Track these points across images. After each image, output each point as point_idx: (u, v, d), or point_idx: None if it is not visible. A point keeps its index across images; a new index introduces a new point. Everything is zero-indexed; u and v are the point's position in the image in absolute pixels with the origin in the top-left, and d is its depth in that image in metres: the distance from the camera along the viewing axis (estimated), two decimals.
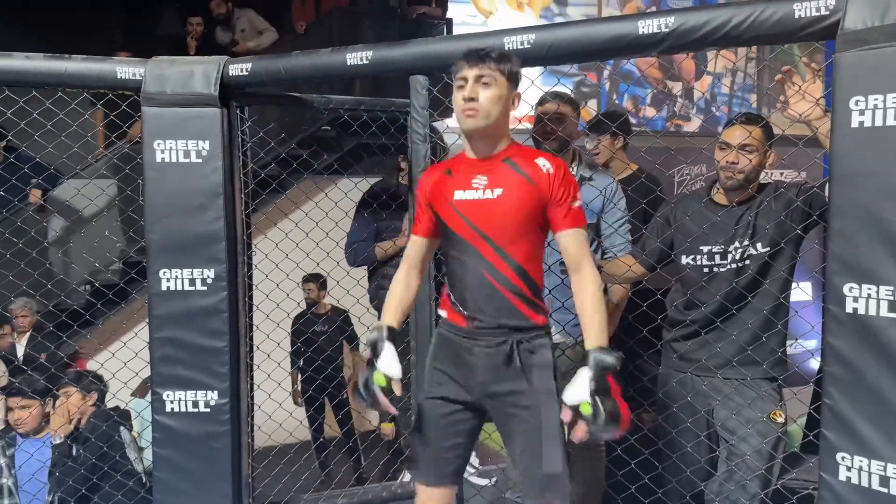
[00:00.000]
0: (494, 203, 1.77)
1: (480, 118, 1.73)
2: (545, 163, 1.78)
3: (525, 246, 1.78)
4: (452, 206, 1.81)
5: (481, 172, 1.80)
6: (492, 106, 1.74)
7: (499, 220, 1.76)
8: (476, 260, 1.79)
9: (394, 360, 1.82)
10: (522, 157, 1.80)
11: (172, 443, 2.41)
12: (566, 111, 2.46)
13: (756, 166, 2.15)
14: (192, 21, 5.38)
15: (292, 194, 3.64)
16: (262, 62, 2.35)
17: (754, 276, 2.15)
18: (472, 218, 1.79)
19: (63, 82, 2.34)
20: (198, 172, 2.36)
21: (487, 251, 1.78)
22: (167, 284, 2.39)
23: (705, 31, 1.85)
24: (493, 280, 1.78)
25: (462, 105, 1.74)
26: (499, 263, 1.78)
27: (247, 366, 2.54)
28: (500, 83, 1.75)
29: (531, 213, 1.76)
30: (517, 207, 1.75)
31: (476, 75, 1.74)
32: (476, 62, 1.74)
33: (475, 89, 1.73)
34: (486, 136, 1.79)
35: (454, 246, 1.84)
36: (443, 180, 1.86)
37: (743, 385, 2.19)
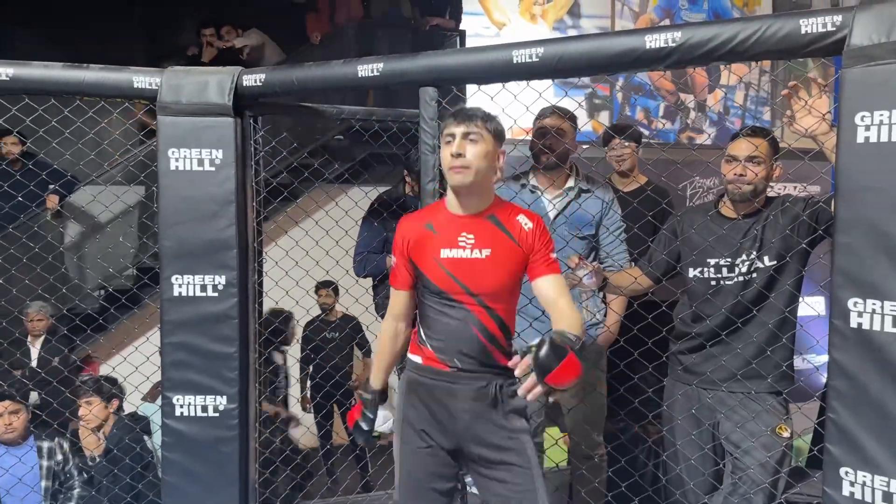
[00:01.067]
0: (483, 263, 1.83)
1: (469, 174, 1.80)
2: (526, 220, 1.87)
3: (508, 301, 1.88)
4: (439, 264, 1.86)
5: (467, 230, 1.86)
6: (479, 161, 1.80)
7: (487, 279, 1.83)
8: (464, 315, 1.85)
9: (387, 421, 2.06)
10: (504, 214, 1.88)
11: (181, 447, 2.43)
12: (565, 126, 2.49)
13: (763, 178, 2.15)
14: (205, 32, 5.46)
15: (303, 203, 3.68)
16: (276, 73, 2.39)
17: (760, 290, 2.16)
18: (460, 276, 1.84)
19: (81, 91, 2.39)
20: (211, 180, 2.40)
21: (475, 308, 1.85)
22: (179, 290, 2.42)
23: (712, 45, 1.86)
24: (477, 332, 1.85)
25: (450, 161, 1.80)
26: (485, 319, 1.85)
27: (255, 372, 2.56)
28: (487, 140, 1.82)
29: (516, 272, 1.85)
30: (505, 267, 1.83)
31: (463, 132, 1.81)
32: (463, 120, 1.82)
33: (462, 145, 1.80)
34: (473, 193, 1.85)
35: (437, 300, 1.88)
36: (425, 236, 1.89)
37: (748, 398, 2.19)
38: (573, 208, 2.53)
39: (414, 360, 1.95)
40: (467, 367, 1.86)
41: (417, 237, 1.90)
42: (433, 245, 1.87)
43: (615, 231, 2.56)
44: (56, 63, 2.36)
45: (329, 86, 2.36)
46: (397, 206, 3.15)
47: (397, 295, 1.99)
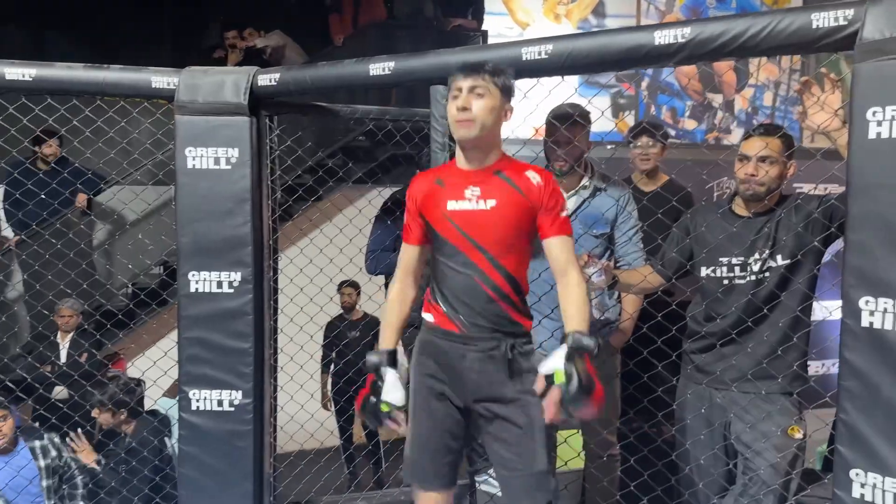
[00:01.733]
0: (488, 214, 1.82)
1: (474, 128, 1.79)
2: (535, 175, 1.84)
3: (516, 255, 1.84)
4: (446, 216, 1.86)
5: (473, 183, 1.85)
6: (485, 116, 1.79)
7: (492, 231, 1.82)
8: (469, 268, 1.84)
9: (396, 388, 1.91)
10: (513, 169, 1.86)
11: (197, 440, 2.48)
12: (577, 124, 2.47)
13: (776, 177, 2.12)
14: (227, 35, 5.55)
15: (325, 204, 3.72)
16: (290, 73, 2.42)
17: (773, 290, 2.13)
18: (466, 228, 1.84)
19: (102, 91, 2.45)
20: (227, 178, 2.44)
21: (481, 260, 1.83)
22: (196, 286, 2.46)
23: (722, 41, 1.84)
24: (486, 288, 1.83)
25: (456, 115, 1.80)
26: (492, 272, 1.83)
27: (270, 367, 2.60)
28: (494, 94, 1.81)
29: (523, 224, 1.83)
30: (510, 219, 1.81)
31: (470, 86, 1.80)
32: (470, 73, 1.81)
33: (469, 99, 1.79)
34: (479, 147, 1.84)
35: (446, 254, 1.88)
36: (434, 190, 1.90)
37: (760, 399, 2.15)
38: (587, 207, 2.51)
39: (427, 319, 1.95)
40: (477, 324, 1.84)
41: (427, 191, 1.91)
42: (441, 198, 1.87)
43: (629, 230, 2.53)
44: (77, 64, 2.43)
45: (342, 84, 2.39)
46: None
47: (406, 250, 1.99)
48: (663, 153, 3.02)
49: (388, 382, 1.92)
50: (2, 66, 2.34)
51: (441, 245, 1.88)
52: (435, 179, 1.92)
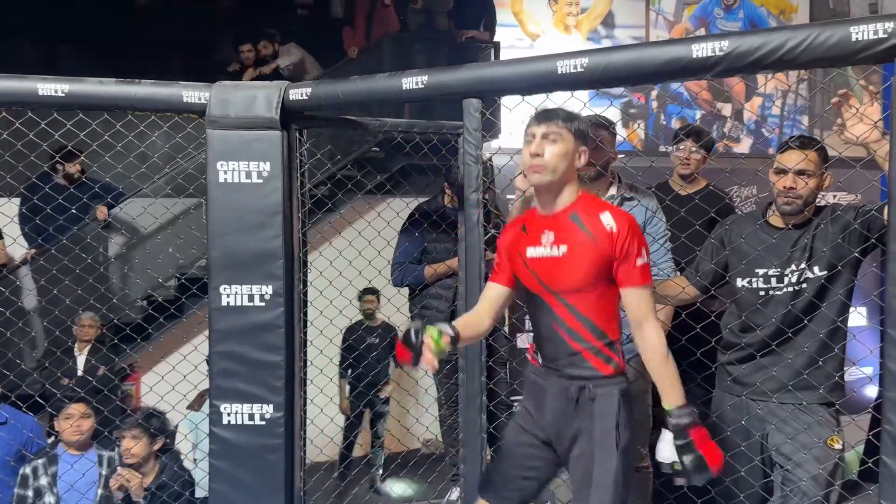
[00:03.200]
0: (560, 261, 1.85)
1: (546, 174, 1.83)
2: (609, 220, 1.83)
3: (593, 300, 1.84)
4: (525, 264, 1.91)
5: (548, 228, 1.88)
6: (557, 161, 1.82)
7: (564, 276, 1.84)
8: (545, 311, 1.89)
9: (451, 328, 1.85)
10: (588, 211, 1.86)
11: (229, 455, 2.47)
12: (602, 135, 2.49)
13: (813, 189, 2.13)
14: (242, 49, 5.57)
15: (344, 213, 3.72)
16: (322, 87, 2.43)
17: (811, 300, 2.13)
18: (541, 274, 1.88)
19: (133, 105, 2.45)
20: (258, 192, 2.44)
21: (557, 305, 1.86)
22: (227, 300, 2.46)
23: (760, 54, 1.85)
24: (562, 333, 1.86)
25: (528, 161, 1.84)
26: (568, 318, 1.85)
27: (300, 380, 2.59)
28: (566, 139, 1.84)
29: (596, 271, 1.82)
30: (581, 265, 1.82)
31: (543, 132, 1.83)
32: (544, 120, 1.85)
33: (542, 146, 1.83)
34: (552, 191, 1.87)
35: (529, 299, 1.95)
36: (519, 237, 1.96)
37: (799, 410, 2.15)
38: None
39: (528, 358, 2.03)
40: (554, 365, 1.90)
41: (513, 238, 1.97)
42: (523, 244, 1.92)
43: (660, 239, 2.54)
44: (109, 79, 2.44)
45: (374, 98, 2.39)
46: (437, 216, 3.18)
47: (490, 286, 2.04)
48: (705, 162, 3.01)
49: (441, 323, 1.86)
50: (34, 81, 2.34)
51: (524, 291, 1.95)
52: (521, 226, 1.97)
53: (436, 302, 3.27)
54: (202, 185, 2.51)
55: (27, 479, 3.07)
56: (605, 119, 2.53)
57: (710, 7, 7.49)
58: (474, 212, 2.29)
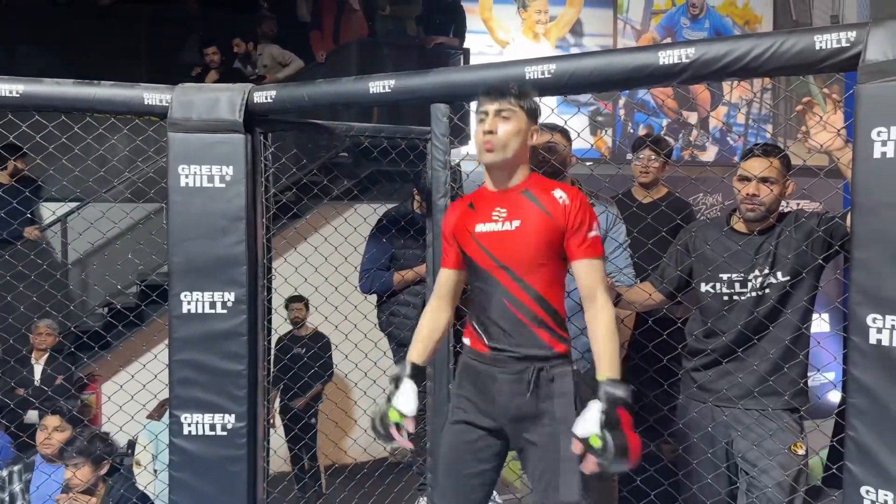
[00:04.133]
0: (513, 234, 1.82)
1: (498, 151, 1.81)
2: (561, 193, 1.83)
3: (544, 275, 1.82)
4: (474, 239, 1.87)
5: (500, 205, 1.86)
6: (510, 139, 1.81)
7: (517, 250, 1.81)
8: (497, 290, 1.83)
9: (410, 397, 1.88)
10: (540, 188, 1.85)
11: (189, 466, 2.40)
12: (558, 141, 2.50)
13: (777, 197, 2.15)
14: (207, 51, 5.50)
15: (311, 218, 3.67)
16: (286, 90, 2.39)
17: (774, 305, 2.15)
18: (492, 249, 1.84)
19: (92, 107, 2.39)
20: (221, 197, 2.39)
21: (507, 281, 1.82)
22: (188, 307, 2.40)
23: (726, 61, 1.86)
24: (514, 309, 1.82)
25: (481, 138, 1.81)
26: (519, 293, 1.82)
27: (264, 389, 2.54)
28: (519, 117, 1.82)
29: (549, 244, 1.80)
30: (534, 238, 1.80)
31: (496, 109, 1.81)
32: (496, 97, 1.82)
33: (494, 123, 1.80)
34: (505, 169, 1.85)
35: (477, 276, 1.88)
36: (466, 214, 1.91)
37: (763, 416, 2.16)
38: None
39: (465, 342, 1.96)
40: (506, 347, 1.83)
41: (459, 216, 1.93)
42: (471, 221, 1.89)
43: (622, 245, 2.55)
44: (67, 80, 2.36)
45: (340, 102, 2.36)
46: (405, 222, 3.15)
47: (441, 274, 2.00)
48: (664, 169, 3.04)
49: (403, 390, 1.89)
50: None
51: (472, 268, 1.90)
52: (467, 204, 1.94)
53: (404, 309, 3.24)
54: (163, 190, 2.45)
55: (3, 483, 2.98)
56: (554, 125, 2.54)
57: (676, 17, 7.61)
58: (440, 217, 2.27)
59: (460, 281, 1.99)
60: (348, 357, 2.96)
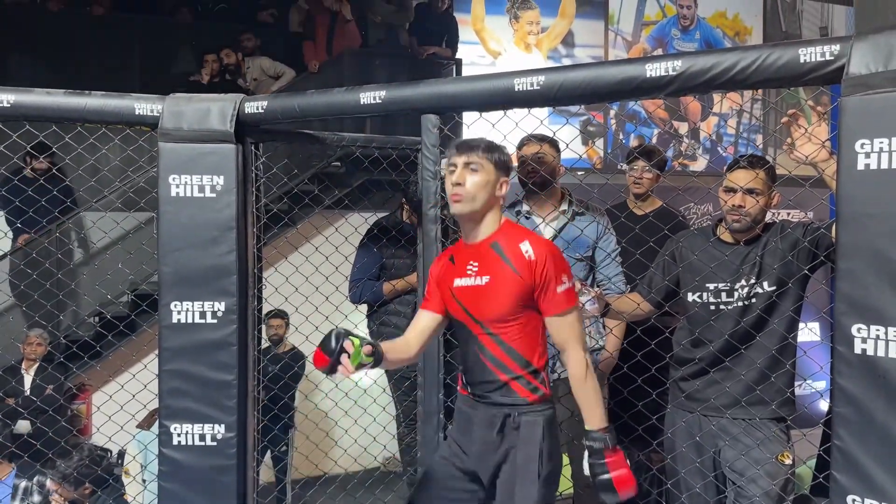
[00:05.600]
0: (484, 289, 1.87)
1: (466, 202, 1.85)
2: (528, 248, 1.86)
3: (517, 328, 1.87)
4: (451, 294, 1.94)
5: (473, 258, 1.92)
6: (477, 191, 1.85)
7: (487, 305, 1.87)
8: (471, 340, 1.91)
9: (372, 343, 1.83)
10: (508, 239, 1.89)
11: (179, 476, 2.40)
12: (547, 151, 2.53)
13: (762, 207, 2.17)
14: (207, 59, 5.50)
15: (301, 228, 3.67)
16: (278, 100, 2.40)
17: (760, 315, 2.16)
18: (466, 303, 1.91)
19: (83, 118, 2.39)
20: (211, 206, 2.39)
21: (479, 332, 1.89)
22: (178, 317, 2.39)
23: (712, 74, 1.88)
24: (484, 359, 1.89)
25: (451, 190, 1.87)
26: (489, 344, 1.88)
27: (254, 399, 2.53)
28: (488, 169, 1.87)
29: (518, 300, 1.85)
30: (503, 295, 1.85)
31: (465, 162, 1.86)
32: (465, 150, 1.87)
33: (463, 175, 1.85)
34: (474, 220, 1.90)
35: (457, 328, 1.98)
36: (447, 268, 1.99)
37: (751, 425, 2.17)
38: (570, 231, 2.55)
39: (458, 389, 2.04)
40: (481, 394, 1.91)
41: (442, 269, 2.00)
42: (451, 276, 1.95)
43: (611, 254, 2.58)
44: (58, 90, 2.37)
45: (331, 113, 2.38)
46: (396, 232, 3.16)
47: (420, 314, 2.05)
48: (657, 180, 3.06)
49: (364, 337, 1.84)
50: None
51: (453, 320, 1.97)
52: (449, 257, 2.01)
53: (394, 318, 3.24)
54: (154, 200, 2.45)
55: None
56: (542, 136, 2.60)
57: (667, 28, 7.67)
58: (432, 227, 2.28)
59: (437, 325, 2.03)
60: None
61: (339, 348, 1.76)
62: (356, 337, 1.79)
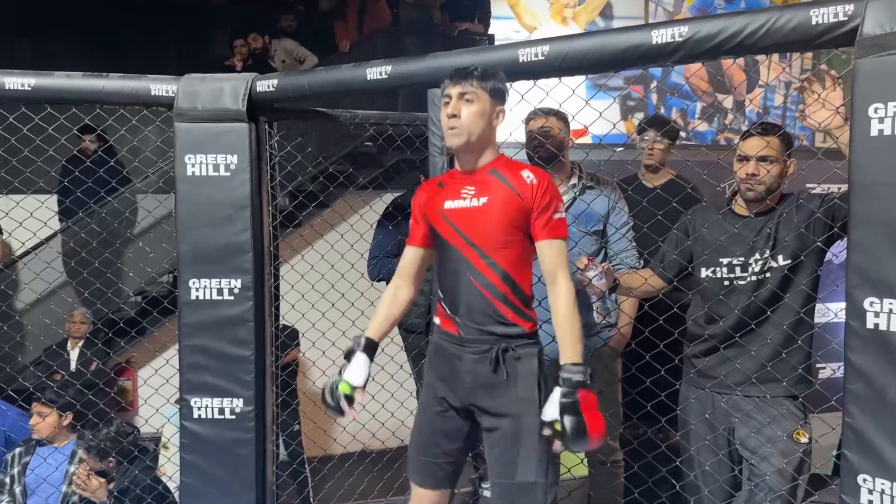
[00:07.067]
0: (480, 211, 1.83)
1: (462, 134, 1.81)
2: (529, 174, 1.84)
3: (511, 254, 1.83)
4: (443, 215, 1.88)
5: (469, 184, 1.87)
6: (473, 122, 1.81)
7: (484, 227, 1.82)
8: (464, 266, 1.85)
9: (362, 370, 1.92)
10: (508, 169, 1.86)
11: (199, 449, 2.47)
12: (553, 124, 2.47)
13: (776, 177, 2.09)
14: (236, 44, 5.56)
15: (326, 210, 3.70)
16: (288, 78, 2.41)
17: (774, 290, 2.09)
18: (460, 225, 1.85)
19: (101, 99, 2.45)
20: (226, 185, 2.43)
21: (474, 257, 1.83)
22: (196, 294, 2.46)
23: (720, 39, 1.81)
24: (479, 286, 1.83)
25: (446, 122, 1.83)
26: (485, 270, 1.83)
27: (272, 375, 2.58)
28: (483, 99, 1.82)
29: (515, 222, 1.81)
30: (501, 215, 1.81)
31: (459, 93, 1.82)
32: (459, 80, 1.83)
33: (458, 106, 1.81)
34: (471, 151, 1.86)
35: (445, 254, 1.90)
36: (435, 192, 1.93)
37: (764, 403, 2.11)
38: (580, 206, 2.49)
39: (435, 322, 1.98)
40: (472, 325, 1.85)
41: (429, 195, 1.95)
42: (440, 199, 1.90)
43: (622, 229, 2.51)
44: (77, 73, 2.43)
45: (340, 89, 2.37)
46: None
47: (406, 251, 2.02)
48: (669, 150, 2.97)
49: (354, 363, 1.93)
50: (1, 75, 2.35)
51: (441, 245, 1.91)
52: (437, 183, 1.97)
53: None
54: None
55: (6, 465, 3.10)
56: (550, 109, 2.51)
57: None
58: None
59: (425, 259, 2.01)
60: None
61: (336, 401, 1.89)
62: (343, 381, 1.90)
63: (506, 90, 1.89)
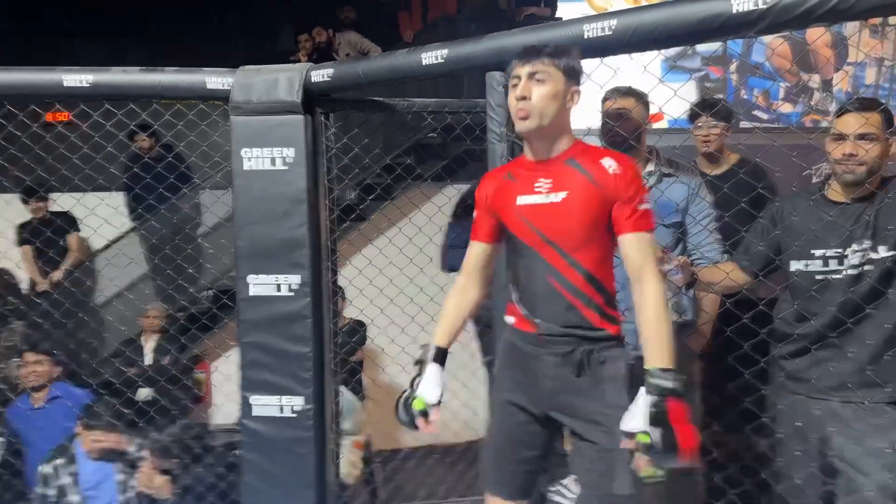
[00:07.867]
0: (559, 207, 1.67)
1: (534, 118, 1.66)
2: (611, 163, 1.66)
3: (594, 251, 1.67)
4: (516, 212, 1.73)
5: (543, 175, 1.71)
6: (545, 104, 1.65)
7: (564, 224, 1.67)
8: (543, 267, 1.70)
9: (434, 384, 1.81)
10: (587, 156, 1.70)
11: (259, 447, 2.44)
12: (628, 105, 2.28)
13: (877, 157, 1.87)
14: (300, 39, 5.55)
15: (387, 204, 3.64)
16: (343, 67, 2.34)
17: (875, 285, 1.87)
18: (537, 223, 1.70)
19: (158, 94, 2.44)
20: (282, 179, 2.38)
21: (554, 257, 1.68)
22: (254, 290, 2.42)
23: (809, 5, 1.62)
24: (560, 287, 1.69)
25: (515, 105, 1.67)
26: (566, 270, 1.68)
27: (332, 372, 2.52)
28: (556, 79, 1.66)
29: (598, 217, 1.65)
30: (583, 211, 1.65)
31: (529, 72, 1.67)
32: (529, 58, 1.67)
33: (528, 87, 1.66)
34: (544, 137, 1.70)
35: (520, 252, 1.75)
36: (504, 185, 1.78)
37: (863, 410, 1.90)
38: (655, 194, 2.30)
39: (508, 321, 1.84)
40: (551, 328, 1.70)
41: (497, 187, 1.80)
42: (512, 193, 1.75)
43: (703, 220, 2.30)
44: (134, 68, 2.42)
45: (395, 76, 2.27)
46: None
47: (472, 247, 1.88)
48: (727, 133, 2.74)
49: (427, 377, 1.83)
50: (60, 72, 2.37)
51: (514, 243, 1.77)
52: (505, 174, 1.81)
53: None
54: None
55: (48, 479, 3.04)
56: (632, 89, 2.33)
57: None
58: None
59: (492, 256, 1.87)
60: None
61: (410, 419, 1.81)
62: (417, 397, 1.81)
63: (580, 69, 1.72)
